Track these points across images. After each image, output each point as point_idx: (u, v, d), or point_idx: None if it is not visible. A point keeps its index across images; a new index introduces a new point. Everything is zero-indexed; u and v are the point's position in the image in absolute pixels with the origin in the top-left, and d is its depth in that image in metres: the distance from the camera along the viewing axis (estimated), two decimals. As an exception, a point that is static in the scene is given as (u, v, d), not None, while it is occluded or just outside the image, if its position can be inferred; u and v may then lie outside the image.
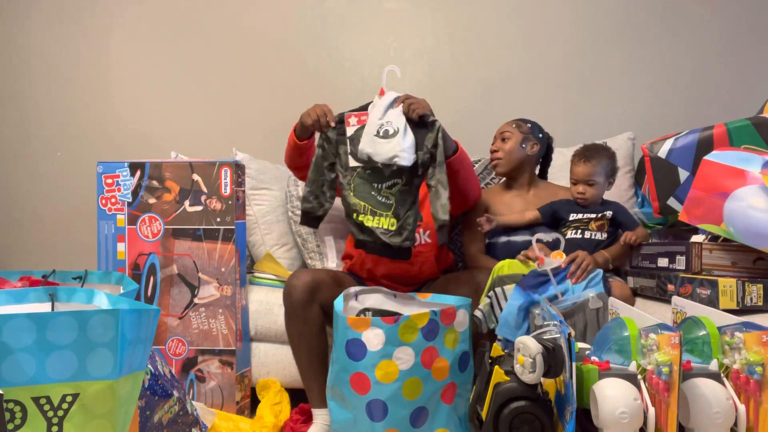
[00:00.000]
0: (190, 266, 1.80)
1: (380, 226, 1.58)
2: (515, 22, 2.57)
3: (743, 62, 2.53)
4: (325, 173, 1.65)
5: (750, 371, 1.14)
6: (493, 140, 2.00)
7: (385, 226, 1.58)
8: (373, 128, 1.56)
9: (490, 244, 1.93)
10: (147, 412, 1.28)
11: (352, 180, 1.61)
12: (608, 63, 2.56)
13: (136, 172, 1.82)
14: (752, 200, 1.46)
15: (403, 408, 1.37)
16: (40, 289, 1.08)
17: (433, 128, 1.59)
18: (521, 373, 1.16)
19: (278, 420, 1.73)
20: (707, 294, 1.49)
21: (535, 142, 1.94)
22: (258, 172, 2.22)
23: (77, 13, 2.70)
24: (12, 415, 0.82)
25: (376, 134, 1.55)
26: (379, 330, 1.36)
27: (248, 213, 2.17)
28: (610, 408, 1.08)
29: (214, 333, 1.79)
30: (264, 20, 2.64)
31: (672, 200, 1.81)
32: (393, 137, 1.54)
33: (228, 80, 2.66)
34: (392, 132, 1.55)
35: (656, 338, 1.14)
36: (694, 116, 2.45)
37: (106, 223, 1.83)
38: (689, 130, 1.81)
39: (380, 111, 1.58)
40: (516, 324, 1.50)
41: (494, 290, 1.59)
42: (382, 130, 1.55)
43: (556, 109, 2.56)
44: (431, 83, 2.60)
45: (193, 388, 1.80)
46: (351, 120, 1.62)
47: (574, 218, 1.83)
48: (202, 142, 2.65)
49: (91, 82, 2.71)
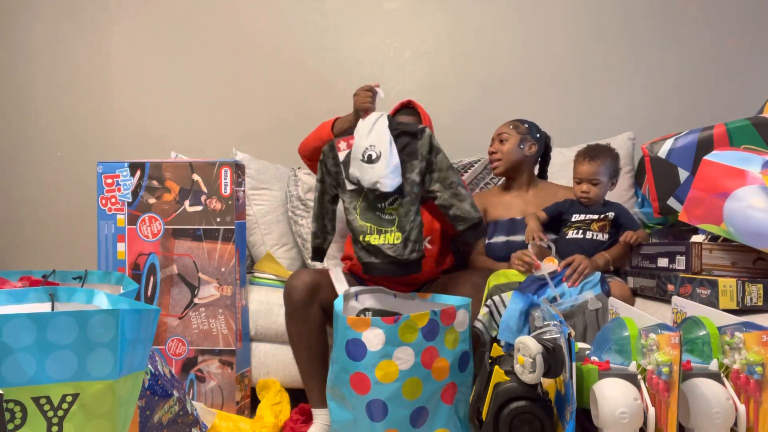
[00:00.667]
0: (190, 266, 1.80)
1: (386, 242, 1.58)
2: (515, 22, 2.57)
3: (743, 62, 2.53)
4: (327, 207, 1.70)
5: (750, 371, 1.14)
6: (491, 141, 1.99)
7: (390, 241, 1.58)
8: (358, 152, 1.58)
9: (490, 245, 1.93)
10: (147, 412, 1.28)
11: (357, 204, 1.62)
12: (608, 63, 2.56)
13: (136, 172, 1.82)
14: (752, 200, 1.46)
15: (403, 408, 1.37)
16: (40, 289, 1.08)
17: (423, 135, 1.60)
18: (521, 373, 1.16)
19: (278, 420, 1.73)
20: (707, 294, 1.49)
21: (533, 143, 1.94)
22: (258, 172, 2.22)
23: (77, 13, 2.70)
24: (12, 415, 0.82)
25: (361, 159, 1.56)
26: (379, 330, 1.36)
27: (248, 213, 2.17)
28: (610, 408, 1.08)
29: (214, 333, 1.79)
30: (264, 20, 2.64)
31: (672, 200, 1.81)
32: (376, 162, 1.55)
33: (228, 80, 2.66)
34: (375, 156, 1.56)
35: (656, 338, 1.14)
36: (694, 116, 2.45)
37: (106, 223, 1.83)
38: (689, 130, 1.81)
39: (364, 135, 1.59)
40: (517, 328, 1.50)
41: (492, 299, 1.59)
42: (366, 154, 1.57)
43: (556, 109, 2.56)
44: (431, 83, 2.60)
45: (193, 388, 1.80)
46: (341, 145, 1.65)
47: (576, 219, 1.83)
48: (202, 142, 2.65)
49: (92, 82, 2.71)
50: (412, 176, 1.59)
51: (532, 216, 1.83)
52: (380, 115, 1.62)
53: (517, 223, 1.90)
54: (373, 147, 1.56)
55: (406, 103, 1.98)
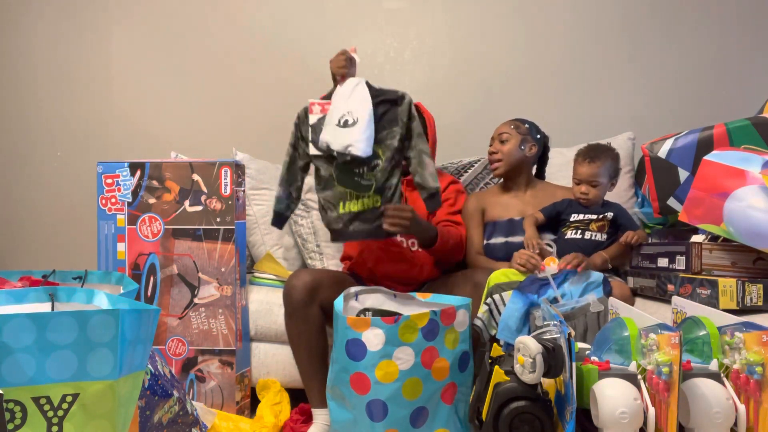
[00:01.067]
0: (190, 266, 1.80)
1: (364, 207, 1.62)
2: (515, 23, 2.57)
3: (743, 62, 2.53)
4: (296, 174, 1.71)
5: (750, 371, 1.14)
6: (490, 141, 1.98)
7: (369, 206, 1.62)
8: (334, 117, 1.58)
9: (489, 245, 1.93)
10: (147, 412, 1.28)
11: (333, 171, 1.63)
12: (608, 63, 2.56)
13: (136, 172, 1.82)
14: (752, 200, 1.46)
15: (403, 408, 1.37)
16: (40, 289, 1.08)
17: (403, 102, 1.61)
18: (521, 373, 1.16)
19: (278, 420, 1.73)
20: (707, 294, 1.49)
21: (533, 144, 1.94)
22: (258, 172, 2.22)
23: (77, 13, 2.70)
24: (12, 415, 0.82)
25: (336, 123, 1.57)
26: (379, 330, 1.36)
27: (248, 213, 2.17)
28: (610, 408, 1.08)
29: (214, 333, 1.79)
30: (264, 20, 2.64)
31: (672, 200, 1.81)
32: (352, 127, 1.56)
33: (228, 80, 2.66)
34: (351, 122, 1.57)
35: (656, 338, 1.14)
36: (694, 116, 2.45)
37: (106, 223, 1.83)
38: (689, 130, 1.81)
39: (342, 100, 1.59)
40: (517, 327, 1.50)
41: (492, 297, 1.58)
42: (342, 119, 1.57)
43: (556, 109, 2.56)
44: (431, 83, 2.60)
45: (193, 388, 1.80)
46: (314, 108, 1.63)
47: (575, 219, 1.83)
48: (202, 142, 2.65)
49: (92, 82, 2.71)
50: (394, 142, 1.61)
51: (529, 222, 1.83)
52: (359, 81, 1.61)
53: (515, 223, 1.90)
54: (350, 113, 1.57)
55: None
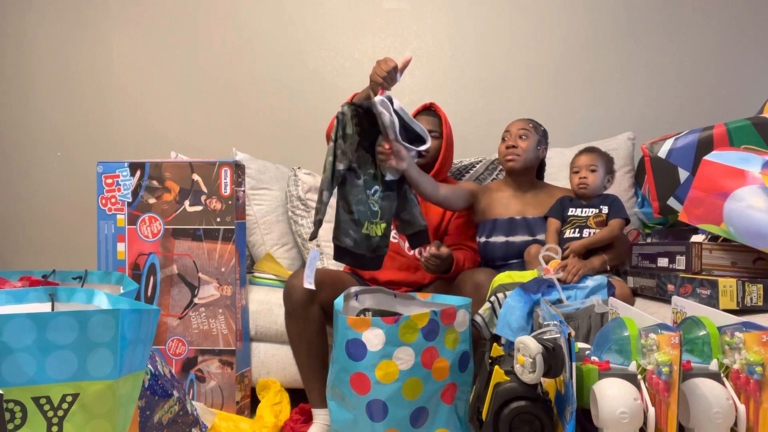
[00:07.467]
0: (190, 266, 1.80)
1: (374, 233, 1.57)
2: (515, 22, 2.57)
3: (743, 62, 2.53)
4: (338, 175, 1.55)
5: (750, 371, 1.14)
6: (504, 135, 1.93)
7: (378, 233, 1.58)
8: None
9: (488, 243, 1.91)
10: (147, 412, 1.28)
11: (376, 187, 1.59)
12: (608, 63, 2.56)
13: (136, 172, 1.82)
14: (752, 200, 1.46)
15: (403, 408, 1.37)
16: (40, 289, 1.08)
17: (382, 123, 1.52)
18: (521, 373, 1.16)
19: (278, 420, 1.73)
20: (707, 294, 1.49)
21: (545, 146, 1.95)
22: (258, 172, 2.22)
23: (77, 13, 2.70)
24: (12, 415, 0.82)
25: None
26: (379, 330, 1.36)
27: (248, 213, 2.17)
28: (610, 408, 1.08)
29: (214, 333, 1.79)
30: (264, 20, 2.64)
31: (672, 200, 1.81)
32: None
33: (228, 80, 2.66)
34: None
35: (656, 338, 1.14)
36: (694, 116, 2.46)
37: (106, 223, 1.83)
38: (689, 130, 1.81)
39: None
40: (518, 327, 1.50)
41: (496, 295, 1.58)
42: None
43: (556, 109, 2.56)
44: (431, 83, 2.60)
45: (193, 388, 1.80)
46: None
47: (572, 213, 1.83)
48: (202, 142, 2.65)
49: (92, 82, 2.71)
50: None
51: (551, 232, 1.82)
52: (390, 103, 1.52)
53: (516, 223, 1.89)
54: None
55: (428, 105, 1.97)
